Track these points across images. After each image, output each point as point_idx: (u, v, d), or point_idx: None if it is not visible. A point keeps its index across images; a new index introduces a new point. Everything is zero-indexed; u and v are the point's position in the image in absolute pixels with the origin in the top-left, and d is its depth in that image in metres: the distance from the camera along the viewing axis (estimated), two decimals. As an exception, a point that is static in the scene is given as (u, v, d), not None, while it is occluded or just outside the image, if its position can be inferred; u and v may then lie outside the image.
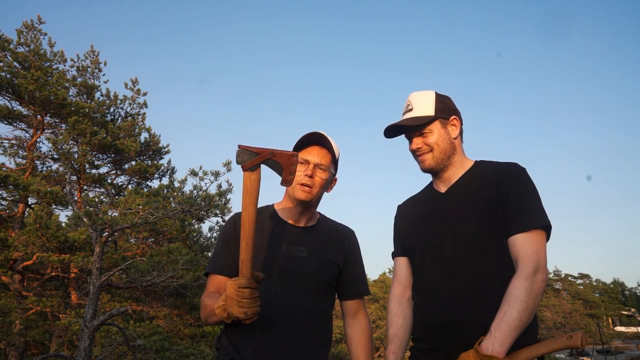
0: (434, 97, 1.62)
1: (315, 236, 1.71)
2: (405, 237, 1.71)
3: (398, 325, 1.63)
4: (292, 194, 1.68)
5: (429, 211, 1.64)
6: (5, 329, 9.52)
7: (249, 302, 1.36)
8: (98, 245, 6.62)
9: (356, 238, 1.84)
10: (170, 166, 12.88)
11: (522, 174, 1.51)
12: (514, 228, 1.42)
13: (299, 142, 1.69)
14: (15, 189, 9.14)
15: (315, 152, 1.67)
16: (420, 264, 1.61)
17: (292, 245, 1.65)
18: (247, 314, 1.36)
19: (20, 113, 11.23)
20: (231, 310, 1.37)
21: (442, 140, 1.60)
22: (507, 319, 1.27)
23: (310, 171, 1.64)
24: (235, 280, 1.38)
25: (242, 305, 1.35)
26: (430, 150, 1.60)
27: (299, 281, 1.62)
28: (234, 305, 1.36)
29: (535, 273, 1.34)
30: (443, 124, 1.61)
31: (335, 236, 1.77)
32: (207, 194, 7.88)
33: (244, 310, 1.36)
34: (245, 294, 1.36)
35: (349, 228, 1.84)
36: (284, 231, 1.68)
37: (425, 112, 1.60)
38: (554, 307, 36.14)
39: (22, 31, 11.06)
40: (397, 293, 1.69)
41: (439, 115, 1.60)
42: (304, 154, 1.67)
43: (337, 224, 1.84)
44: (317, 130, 1.68)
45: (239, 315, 1.36)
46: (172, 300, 10.62)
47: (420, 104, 1.63)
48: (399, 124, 1.63)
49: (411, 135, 1.65)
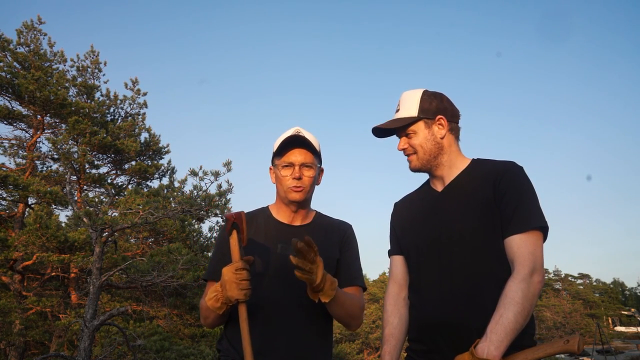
0: (420, 97, 1.60)
1: (311, 234, 1.69)
2: (401, 236, 1.70)
3: (394, 325, 1.62)
4: (286, 198, 1.68)
5: (426, 210, 1.63)
6: (5, 329, 9.53)
7: (247, 284, 1.43)
8: (98, 245, 6.62)
9: (353, 232, 1.82)
10: (170, 166, 12.88)
11: (519, 173, 1.49)
12: (511, 229, 1.41)
13: (279, 148, 1.68)
14: (15, 189, 9.15)
15: (297, 153, 1.67)
16: (416, 264, 1.60)
17: (288, 245, 1.64)
18: (246, 294, 1.43)
19: (20, 113, 11.22)
20: (231, 294, 1.42)
21: (426, 142, 1.58)
22: (503, 321, 1.27)
23: (297, 173, 1.65)
24: (231, 265, 1.45)
25: (242, 287, 1.42)
26: (414, 152, 1.60)
27: (297, 280, 1.62)
28: (234, 289, 1.42)
29: (531, 275, 1.33)
30: (427, 125, 1.59)
31: (332, 231, 1.76)
32: (207, 194, 7.89)
33: (244, 291, 1.43)
34: (243, 275, 1.43)
35: (345, 222, 1.84)
36: (279, 231, 1.69)
37: (409, 113, 1.59)
38: (554, 307, 36.14)
39: (22, 31, 11.05)
40: (393, 292, 1.68)
41: (422, 116, 1.58)
42: (287, 158, 1.67)
43: (333, 219, 1.83)
44: (293, 132, 1.68)
45: (239, 296, 1.42)
46: (172, 300, 10.62)
47: (406, 104, 1.62)
48: (381, 126, 1.63)
49: (399, 135, 1.65)
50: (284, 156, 1.67)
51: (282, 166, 1.66)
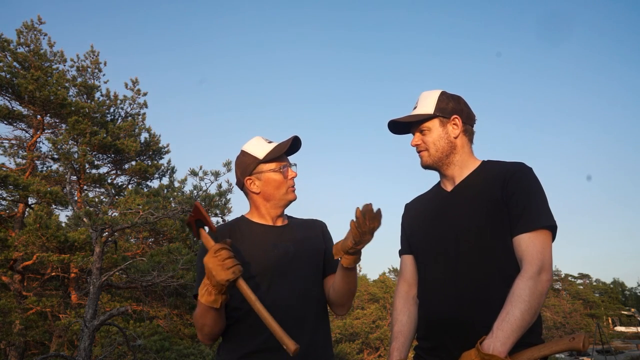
0: (437, 97, 1.65)
1: (294, 230, 1.76)
2: (410, 235, 1.72)
3: (403, 322, 1.64)
4: (285, 199, 1.72)
5: (435, 210, 1.66)
6: (5, 329, 9.52)
7: (231, 261, 1.37)
8: (98, 245, 6.62)
9: (327, 227, 1.89)
10: (170, 166, 12.89)
11: (528, 173, 1.51)
12: (519, 228, 1.42)
13: (275, 152, 1.72)
14: (15, 189, 9.14)
15: (285, 155, 1.76)
16: (425, 263, 1.63)
17: (277, 243, 1.68)
18: (235, 272, 1.36)
19: (20, 113, 11.23)
20: (220, 277, 1.35)
21: (439, 139, 1.62)
22: (509, 318, 1.27)
23: (294, 173, 1.75)
24: (209, 252, 1.40)
25: (228, 266, 1.36)
26: (427, 149, 1.64)
27: (294, 275, 1.64)
28: (220, 271, 1.35)
29: (539, 273, 1.33)
30: (442, 123, 1.63)
31: (310, 227, 1.82)
32: (207, 194, 7.90)
33: (231, 270, 1.36)
34: (223, 254, 1.37)
35: (318, 219, 1.91)
36: (265, 233, 1.72)
37: (425, 110, 1.64)
38: (554, 307, 36.17)
39: (22, 31, 11.07)
40: (403, 290, 1.70)
41: (438, 114, 1.62)
42: (283, 160, 1.74)
43: (306, 219, 1.90)
44: (284, 145, 1.72)
45: (229, 276, 1.35)
46: (172, 300, 10.63)
47: (423, 102, 1.67)
48: (398, 119, 1.67)
49: (413, 132, 1.69)
50: (280, 159, 1.73)
51: (280, 168, 1.71)
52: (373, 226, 1.35)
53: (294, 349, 1.30)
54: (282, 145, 1.72)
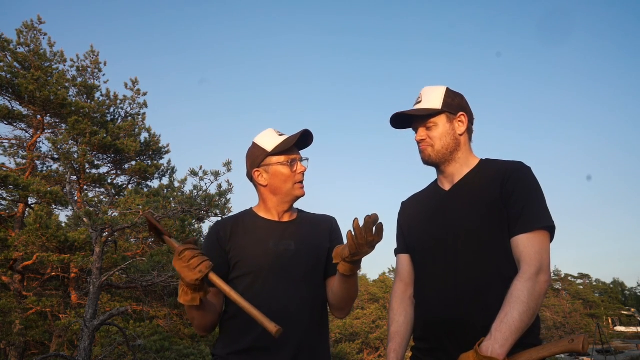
0: (444, 92, 1.63)
1: (299, 227, 1.73)
2: (407, 235, 1.71)
3: (399, 323, 1.62)
4: (292, 194, 1.69)
5: (432, 209, 1.64)
6: (5, 329, 9.52)
7: (197, 260, 1.35)
8: (98, 245, 6.62)
9: (337, 223, 1.85)
10: (170, 166, 12.88)
11: (527, 173, 1.50)
12: (517, 228, 1.41)
13: (285, 145, 1.69)
14: (15, 189, 9.15)
15: (295, 149, 1.73)
16: (422, 262, 1.61)
17: (279, 240, 1.66)
18: (202, 271, 1.34)
19: (20, 113, 11.23)
20: (189, 278, 1.34)
21: (445, 135, 1.60)
22: (508, 320, 1.26)
23: (303, 167, 1.71)
24: (174, 256, 1.39)
25: (193, 266, 1.34)
26: (432, 144, 1.61)
27: (292, 274, 1.62)
28: (187, 272, 1.34)
29: (537, 274, 1.33)
30: (449, 119, 1.61)
31: (319, 223, 1.79)
32: (207, 194, 7.89)
33: (198, 269, 1.34)
34: (187, 255, 1.35)
35: (329, 215, 1.86)
36: (268, 229, 1.70)
37: (433, 105, 1.61)
38: (553, 307, 36.19)
39: (22, 31, 11.06)
40: (399, 290, 1.68)
41: (446, 110, 1.60)
42: (292, 154, 1.70)
43: (316, 214, 1.86)
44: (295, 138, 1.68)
45: (197, 275, 1.34)
46: (172, 300, 10.61)
47: (429, 97, 1.64)
48: (405, 112, 1.64)
49: (417, 127, 1.66)
50: (288, 152, 1.69)
51: (288, 161, 1.68)
52: (372, 240, 1.30)
53: (275, 330, 1.30)
54: (291, 139, 1.68)
